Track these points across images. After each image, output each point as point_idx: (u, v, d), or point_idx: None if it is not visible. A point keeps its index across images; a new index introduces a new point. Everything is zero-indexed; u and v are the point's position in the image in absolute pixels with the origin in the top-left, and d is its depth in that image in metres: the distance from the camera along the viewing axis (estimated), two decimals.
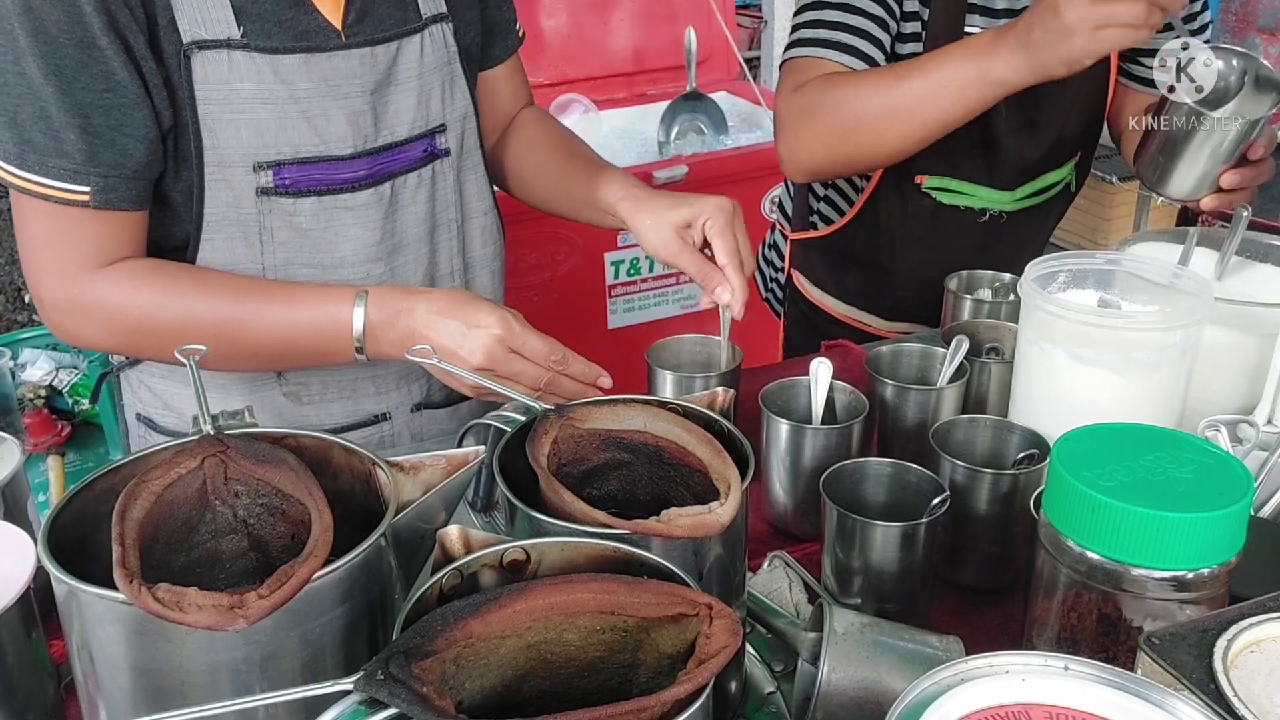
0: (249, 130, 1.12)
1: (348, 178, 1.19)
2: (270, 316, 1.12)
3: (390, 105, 1.21)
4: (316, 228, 1.19)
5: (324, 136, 1.16)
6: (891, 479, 1.05)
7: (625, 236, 2.56)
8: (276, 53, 1.11)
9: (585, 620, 0.69)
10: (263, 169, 1.14)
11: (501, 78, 1.43)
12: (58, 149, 1.05)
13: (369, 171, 1.20)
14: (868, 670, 0.84)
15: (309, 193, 1.17)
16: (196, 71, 1.09)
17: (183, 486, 0.79)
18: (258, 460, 0.80)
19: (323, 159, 1.16)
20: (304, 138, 1.15)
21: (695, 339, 1.30)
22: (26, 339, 2.64)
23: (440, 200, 1.29)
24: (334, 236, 1.20)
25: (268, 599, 0.66)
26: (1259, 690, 0.65)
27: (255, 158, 1.13)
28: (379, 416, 1.33)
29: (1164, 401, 1.08)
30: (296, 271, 1.20)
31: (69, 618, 0.72)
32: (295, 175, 1.15)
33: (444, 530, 0.74)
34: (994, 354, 1.31)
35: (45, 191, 1.07)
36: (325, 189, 1.18)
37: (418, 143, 1.24)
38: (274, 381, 1.26)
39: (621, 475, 0.92)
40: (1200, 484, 0.78)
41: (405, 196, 1.24)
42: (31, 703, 0.88)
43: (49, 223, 1.09)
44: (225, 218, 1.15)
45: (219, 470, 0.80)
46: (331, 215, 1.19)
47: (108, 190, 1.08)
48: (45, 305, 1.13)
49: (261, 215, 1.16)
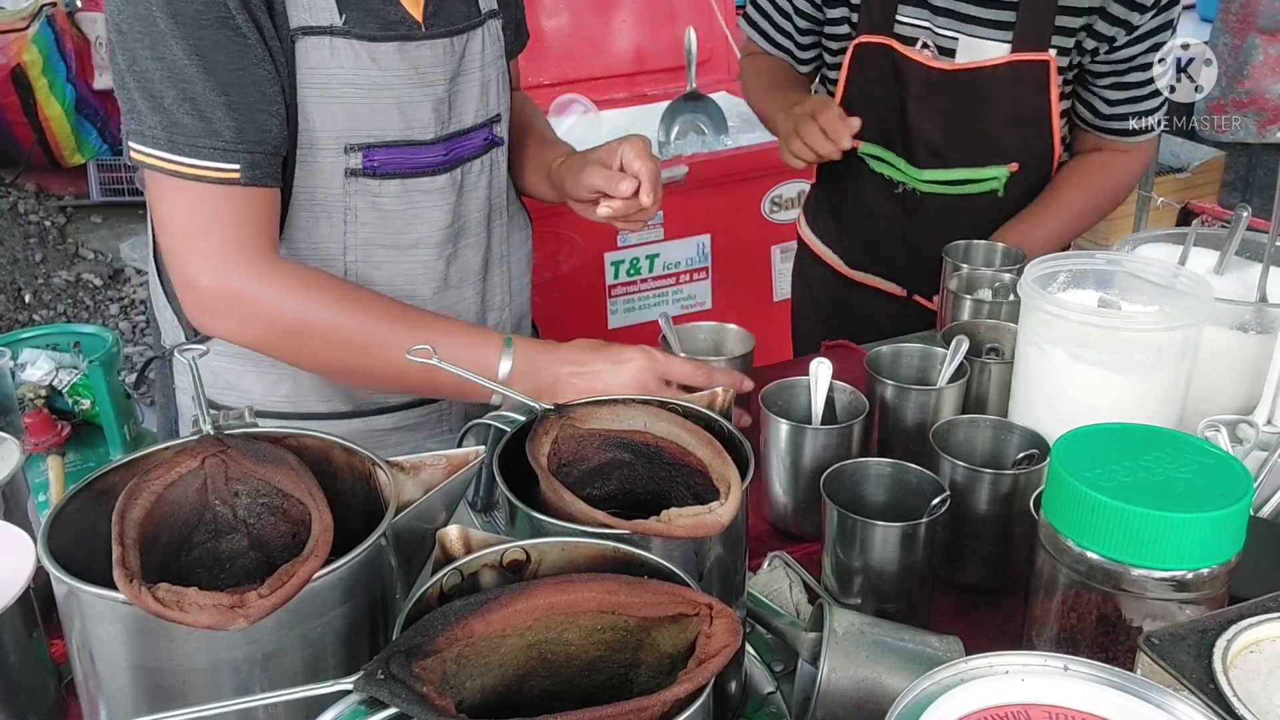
0: (343, 114, 1.16)
1: (428, 161, 1.23)
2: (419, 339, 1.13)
3: (460, 94, 1.26)
4: (397, 209, 1.23)
5: (410, 121, 1.20)
6: (891, 479, 1.05)
7: (625, 237, 2.56)
8: (374, 40, 1.16)
9: (586, 620, 0.69)
10: (353, 151, 1.18)
11: (512, 72, 1.47)
12: (206, 128, 1.07)
13: (445, 156, 1.25)
14: (868, 670, 0.84)
15: (394, 175, 1.21)
16: (300, 56, 1.12)
17: (183, 486, 0.79)
18: (258, 460, 0.80)
19: (406, 143, 1.21)
20: (392, 122, 1.19)
21: (709, 326, 1.35)
22: (26, 339, 2.64)
23: (495, 187, 1.34)
24: (412, 218, 1.24)
25: (268, 599, 0.66)
26: (1258, 690, 0.65)
27: (346, 140, 1.17)
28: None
29: (1164, 401, 1.08)
30: (374, 252, 1.23)
31: (69, 617, 0.72)
32: (383, 158, 1.20)
33: (444, 530, 0.74)
34: (994, 354, 1.31)
35: (197, 173, 1.08)
36: (408, 172, 1.22)
37: (480, 131, 1.30)
38: None
39: (621, 475, 0.92)
40: (1200, 484, 0.78)
41: (470, 182, 1.30)
42: (32, 702, 0.88)
43: (201, 207, 1.09)
44: (312, 197, 1.19)
45: (219, 470, 0.80)
46: (412, 197, 1.24)
47: (254, 167, 1.10)
48: (199, 292, 1.12)
49: (347, 196, 1.20)
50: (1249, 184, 4.47)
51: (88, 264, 5.01)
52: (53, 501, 1.43)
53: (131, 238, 5.07)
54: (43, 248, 5.03)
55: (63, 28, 5.23)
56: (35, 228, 5.19)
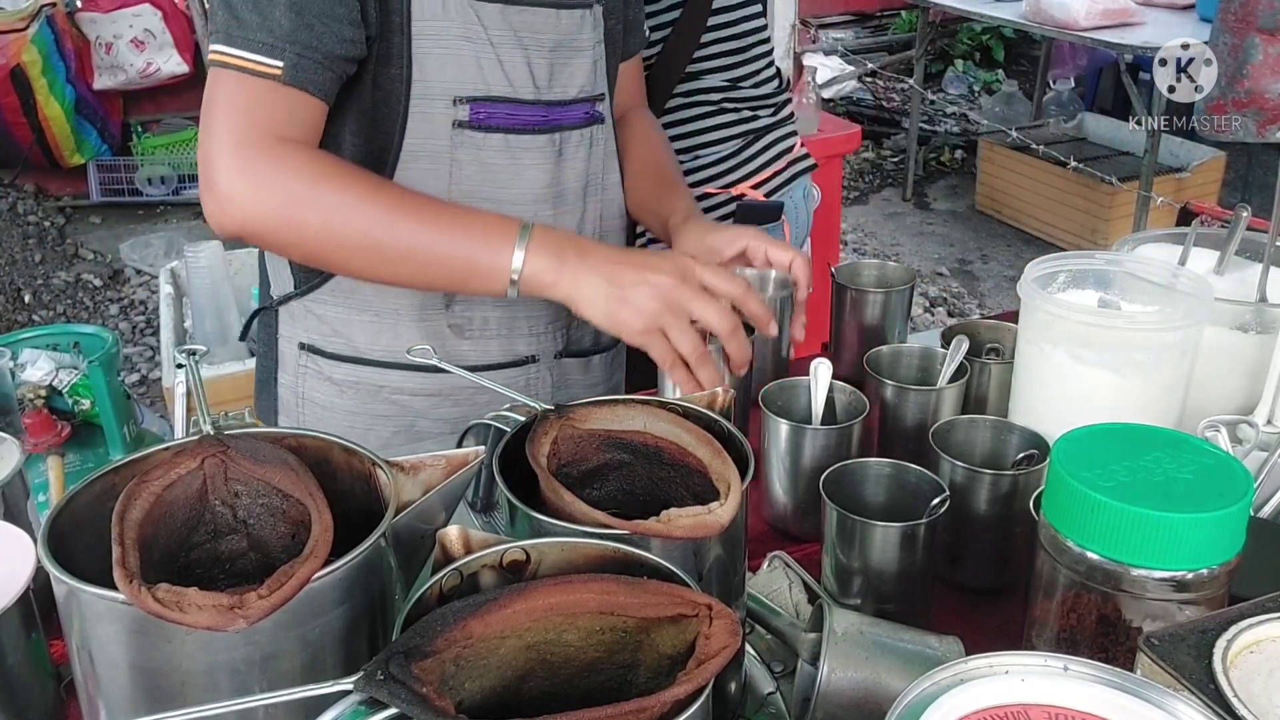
0: (454, 66, 1.22)
1: (528, 119, 1.28)
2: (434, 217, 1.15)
3: (569, 66, 1.31)
4: (500, 163, 1.28)
5: (512, 80, 1.26)
6: (891, 479, 1.05)
7: None
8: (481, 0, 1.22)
9: (585, 621, 0.69)
10: (461, 103, 1.24)
11: (626, 71, 1.51)
12: (263, 24, 1.11)
13: (543, 118, 1.30)
14: (867, 671, 0.84)
15: (498, 129, 1.26)
16: (415, 9, 1.19)
17: (183, 487, 0.79)
18: (257, 460, 0.80)
19: (509, 100, 1.26)
20: (496, 78, 1.25)
21: (751, 273, 1.36)
22: (26, 339, 2.64)
23: (595, 162, 1.38)
24: (514, 174, 1.29)
25: (268, 599, 0.66)
26: (1259, 690, 0.65)
27: (456, 92, 1.23)
28: (529, 358, 1.39)
29: (1164, 401, 1.08)
30: (478, 204, 1.26)
31: (69, 618, 0.72)
32: (488, 111, 1.25)
33: (444, 530, 0.74)
34: (994, 354, 1.31)
35: (241, 64, 1.11)
36: (511, 128, 1.27)
37: (582, 105, 1.34)
38: (442, 311, 1.33)
39: (621, 475, 0.92)
40: (1200, 484, 0.78)
41: (569, 150, 1.34)
42: (31, 703, 0.88)
43: (238, 94, 1.12)
44: (422, 149, 1.24)
45: (219, 470, 0.80)
46: (514, 153, 1.28)
47: (299, 69, 1.12)
48: (213, 165, 1.12)
49: (454, 148, 1.25)
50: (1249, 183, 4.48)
51: (87, 264, 5.01)
52: (53, 501, 1.44)
53: (131, 238, 5.07)
54: (42, 248, 5.03)
55: (63, 28, 5.23)
56: (34, 228, 5.20)
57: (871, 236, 5.35)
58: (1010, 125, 5.44)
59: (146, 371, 4.14)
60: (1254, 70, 3.36)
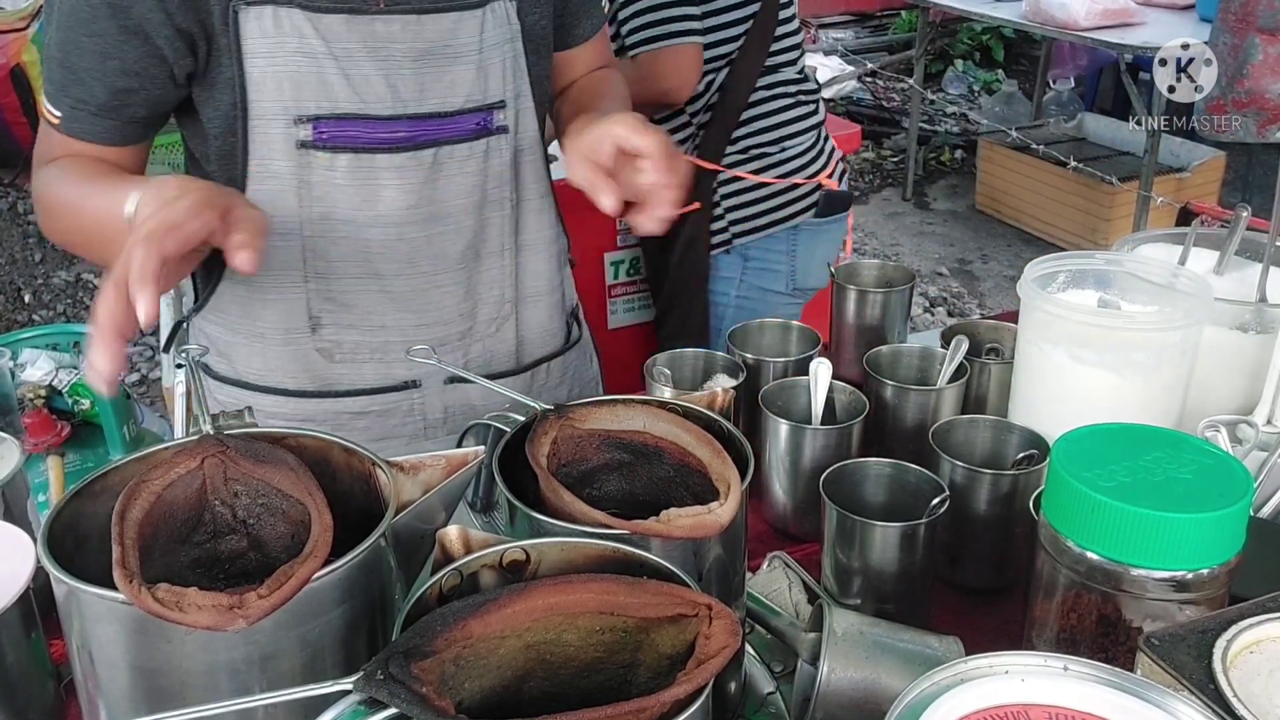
0: (291, 84, 1.17)
1: (385, 138, 1.21)
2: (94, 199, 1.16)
3: (445, 75, 1.23)
4: (352, 184, 1.22)
5: (362, 95, 1.19)
6: (891, 479, 1.05)
7: (625, 237, 2.55)
8: (319, 11, 1.15)
9: (585, 621, 0.69)
10: (303, 122, 1.18)
11: (579, 57, 1.44)
12: (49, 75, 1.18)
13: (409, 135, 1.22)
14: (867, 671, 0.84)
15: (346, 148, 1.20)
16: (244, 27, 1.14)
17: (183, 486, 0.79)
18: (257, 460, 0.80)
19: (360, 116, 1.20)
20: (343, 94, 1.18)
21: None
22: (26, 339, 2.64)
23: (493, 177, 1.29)
24: (370, 195, 1.23)
25: (267, 599, 0.66)
26: (1259, 690, 0.65)
27: (296, 111, 1.18)
28: (409, 383, 1.33)
29: (1164, 401, 1.08)
30: (333, 227, 1.23)
31: (69, 617, 0.72)
32: (332, 130, 1.19)
33: (444, 530, 0.74)
34: (994, 354, 1.31)
35: (41, 109, 1.20)
36: (362, 147, 1.21)
37: (471, 115, 1.26)
38: (308, 335, 1.28)
39: (621, 475, 0.92)
40: (1200, 484, 0.78)
41: (452, 166, 1.26)
42: (31, 703, 0.88)
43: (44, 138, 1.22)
44: (267, 170, 1.20)
45: (219, 470, 0.80)
46: (369, 173, 1.22)
47: (74, 120, 1.18)
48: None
49: (300, 169, 1.20)
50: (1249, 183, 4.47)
51: (87, 264, 5.00)
52: (53, 501, 1.44)
53: None
54: (42, 248, 5.03)
55: None
56: (35, 228, 5.19)
57: (871, 236, 5.35)
58: (1010, 125, 5.44)
59: (146, 371, 4.14)
60: (1254, 70, 3.35)
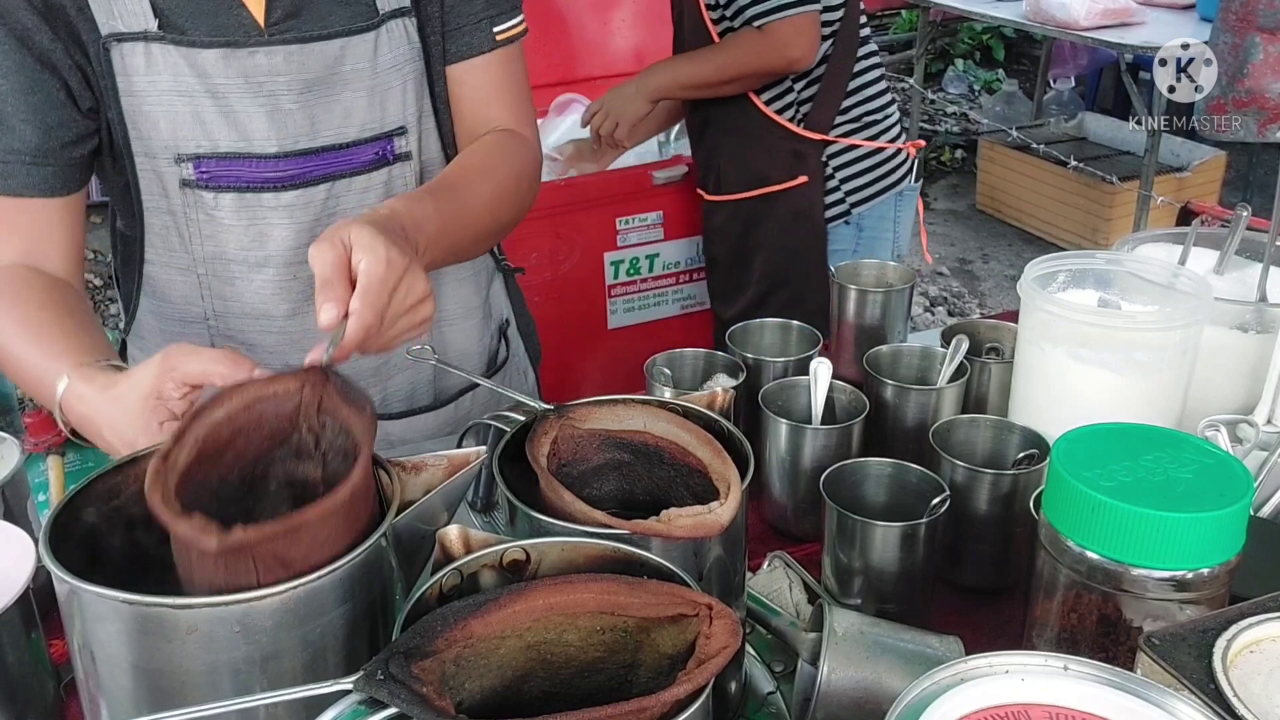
0: (167, 122, 1.12)
1: (272, 177, 1.15)
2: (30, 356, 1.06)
3: (336, 106, 1.16)
4: (238, 224, 1.17)
5: (245, 133, 1.14)
6: (891, 479, 1.05)
7: (625, 237, 2.56)
8: (194, 46, 1.10)
9: (585, 620, 0.69)
10: (184, 161, 1.14)
11: (463, 79, 1.26)
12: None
13: (299, 172, 1.16)
14: (868, 670, 0.84)
15: (229, 188, 1.15)
16: (116, 63, 1.09)
17: (275, 403, 0.79)
18: (348, 401, 0.79)
19: (244, 155, 1.14)
20: (223, 133, 1.13)
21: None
22: None
23: None
24: (257, 234, 1.18)
25: (244, 534, 0.67)
26: (1259, 690, 0.65)
27: (176, 150, 1.13)
28: None
29: (1164, 401, 1.08)
30: (225, 266, 1.19)
31: (70, 617, 0.72)
32: (215, 170, 1.14)
33: (444, 530, 0.74)
34: (994, 354, 1.31)
35: None
36: (245, 186, 1.15)
37: (369, 145, 1.19)
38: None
39: (621, 475, 0.92)
40: (1200, 484, 0.78)
41: (350, 200, 1.20)
42: (31, 703, 0.88)
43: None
44: (158, 207, 1.17)
45: (314, 398, 0.80)
46: (254, 213, 1.17)
47: (6, 177, 1.09)
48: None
49: (186, 208, 1.16)
50: (1249, 183, 4.47)
51: (87, 264, 4.99)
52: (53, 501, 1.43)
53: None
54: None
55: None
56: None
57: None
58: (1010, 125, 5.43)
59: None
60: (1254, 70, 3.35)
